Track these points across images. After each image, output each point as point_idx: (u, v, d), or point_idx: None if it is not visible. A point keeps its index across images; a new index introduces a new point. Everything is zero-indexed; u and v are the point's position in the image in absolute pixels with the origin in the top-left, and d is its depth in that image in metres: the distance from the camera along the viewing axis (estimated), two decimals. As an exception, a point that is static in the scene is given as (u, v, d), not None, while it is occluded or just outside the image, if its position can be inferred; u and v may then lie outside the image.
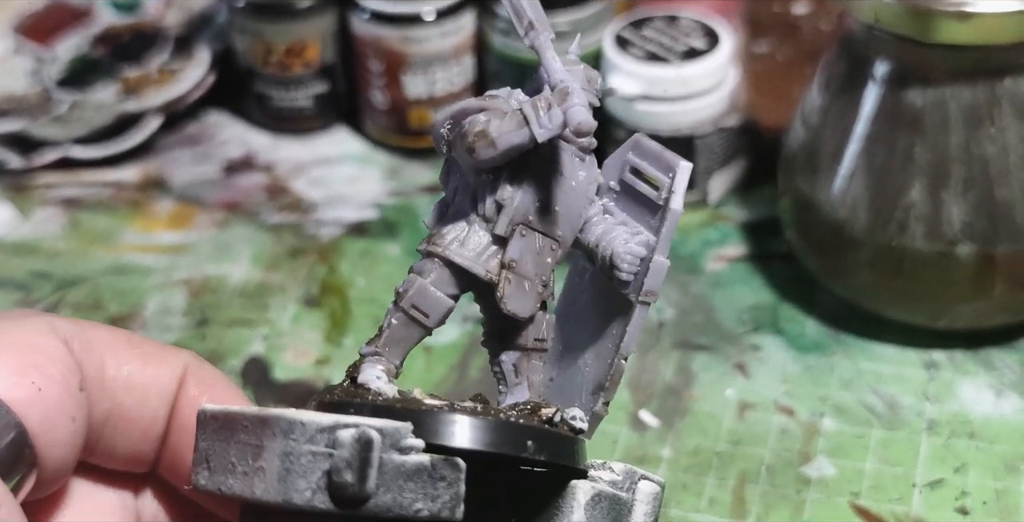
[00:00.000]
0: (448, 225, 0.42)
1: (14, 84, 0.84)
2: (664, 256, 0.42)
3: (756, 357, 0.68)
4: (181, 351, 0.43)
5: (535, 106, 0.40)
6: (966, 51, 0.62)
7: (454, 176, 0.42)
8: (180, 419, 0.42)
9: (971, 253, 0.64)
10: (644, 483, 0.42)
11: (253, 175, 0.82)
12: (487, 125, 0.40)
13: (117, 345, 0.42)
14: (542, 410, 0.41)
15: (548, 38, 0.41)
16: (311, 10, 0.81)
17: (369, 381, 0.40)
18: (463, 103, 0.41)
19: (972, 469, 0.62)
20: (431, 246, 0.41)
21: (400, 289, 0.41)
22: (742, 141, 0.77)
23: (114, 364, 0.41)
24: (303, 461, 0.37)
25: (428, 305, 0.41)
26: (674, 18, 0.76)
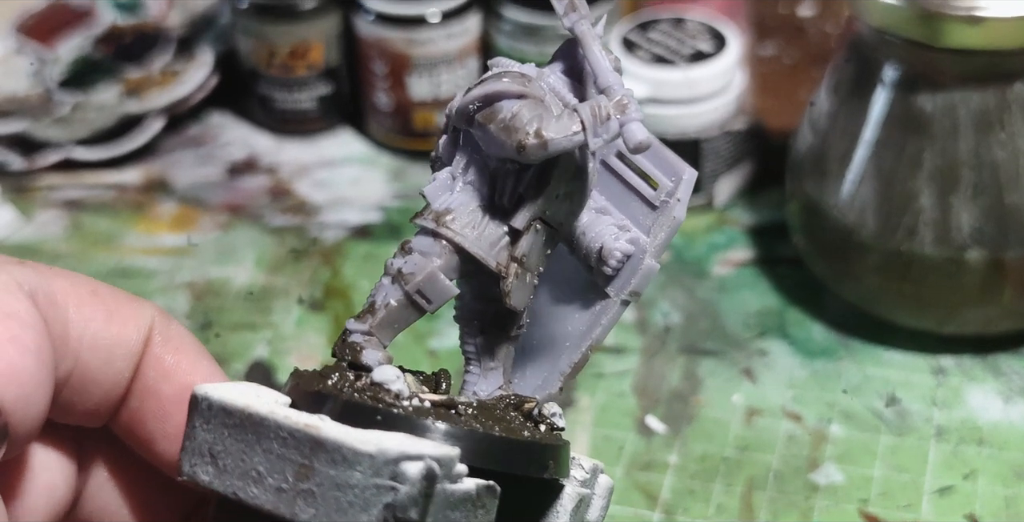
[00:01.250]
0: (458, 205, 0.39)
1: (16, 85, 0.84)
2: (656, 260, 0.41)
3: (763, 362, 0.68)
4: (145, 304, 0.41)
5: (595, 114, 0.38)
6: (976, 56, 0.61)
7: (466, 150, 0.40)
8: (143, 380, 0.40)
9: (980, 259, 0.64)
10: (603, 477, 0.41)
11: (256, 177, 0.81)
12: (541, 124, 0.38)
13: (81, 297, 0.39)
14: (525, 405, 0.40)
15: (591, 25, 0.39)
16: (315, 11, 0.80)
17: (389, 382, 0.38)
18: (499, 85, 0.38)
19: (981, 476, 0.62)
20: (441, 228, 0.39)
21: (402, 268, 0.39)
22: (749, 144, 0.77)
23: (79, 320, 0.39)
24: (366, 495, 0.35)
25: (434, 293, 0.39)
26: (680, 20, 0.76)
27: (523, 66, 0.39)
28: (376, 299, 0.40)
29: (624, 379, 0.67)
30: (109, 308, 0.39)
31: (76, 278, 0.39)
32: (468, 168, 0.40)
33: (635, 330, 0.70)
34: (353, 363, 0.39)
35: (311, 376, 0.39)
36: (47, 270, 0.39)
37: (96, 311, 0.39)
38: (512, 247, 0.40)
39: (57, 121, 0.82)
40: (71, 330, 0.39)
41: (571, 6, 0.39)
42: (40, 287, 0.38)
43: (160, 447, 0.41)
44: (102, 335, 0.39)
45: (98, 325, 0.39)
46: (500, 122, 0.38)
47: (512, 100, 0.38)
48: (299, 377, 0.39)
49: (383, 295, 0.39)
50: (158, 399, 0.40)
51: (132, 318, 0.40)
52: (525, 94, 0.38)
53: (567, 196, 0.40)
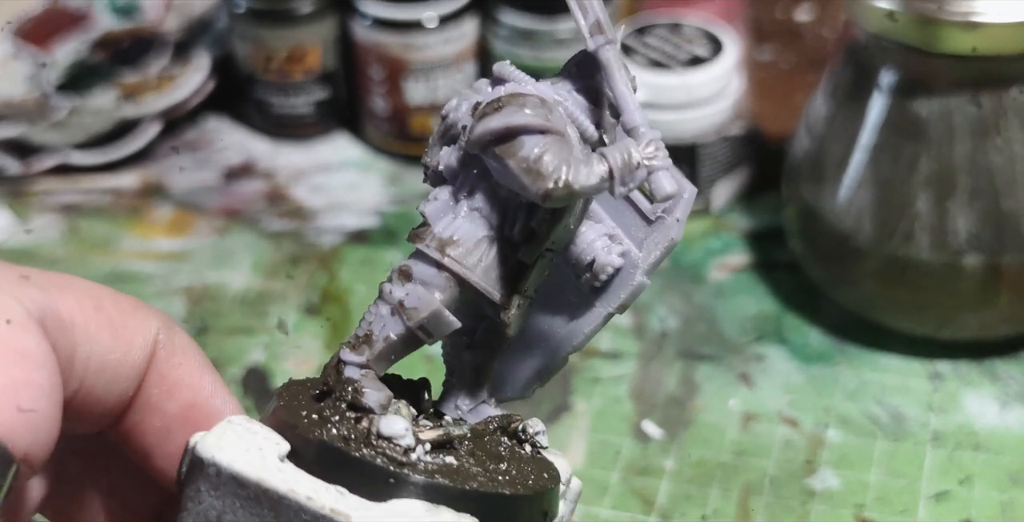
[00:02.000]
0: (463, 234, 0.38)
1: (12, 89, 0.84)
2: (647, 277, 0.39)
3: (760, 367, 0.68)
4: (150, 314, 0.40)
5: (624, 162, 0.36)
6: (972, 61, 0.61)
7: (471, 172, 0.38)
8: (145, 396, 0.40)
9: (977, 264, 0.64)
10: (574, 482, 0.41)
11: (253, 182, 0.81)
12: (568, 171, 0.36)
13: (87, 315, 0.38)
14: (510, 426, 0.40)
15: (617, 51, 0.37)
16: (312, 16, 0.80)
17: (398, 437, 0.37)
18: (521, 118, 0.36)
19: (977, 481, 0.62)
20: (446, 258, 0.37)
21: (403, 301, 0.38)
22: (745, 149, 0.77)
23: (85, 341, 0.38)
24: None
25: (438, 328, 0.38)
26: (677, 25, 0.76)
27: (537, 85, 0.37)
28: (374, 329, 0.38)
29: (620, 384, 0.67)
30: (115, 324, 0.38)
31: (80, 290, 0.38)
32: (474, 192, 0.38)
33: (632, 335, 0.70)
34: (354, 405, 0.38)
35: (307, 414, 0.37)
36: (51, 284, 0.37)
37: (101, 329, 0.38)
38: (517, 280, 0.39)
39: (54, 125, 0.82)
40: (78, 352, 0.38)
41: (598, 27, 0.37)
42: (47, 309, 0.37)
43: (157, 463, 0.40)
44: (108, 357, 0.38)
45: (104, 345, 0.38)
46: (522, 161, 0.36)
47: (535, 136, 0.36)
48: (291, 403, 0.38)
49: (381, 326, 0.38)
50: (161, 416, 0.40)
51: (137, 334, 0.39)
52: (548, 130, 0.36)
53: (574, 224, 0.39)
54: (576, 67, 0.38)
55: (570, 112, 0.37)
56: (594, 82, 0.37)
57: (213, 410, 0.40)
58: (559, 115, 0.37)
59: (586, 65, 0.37)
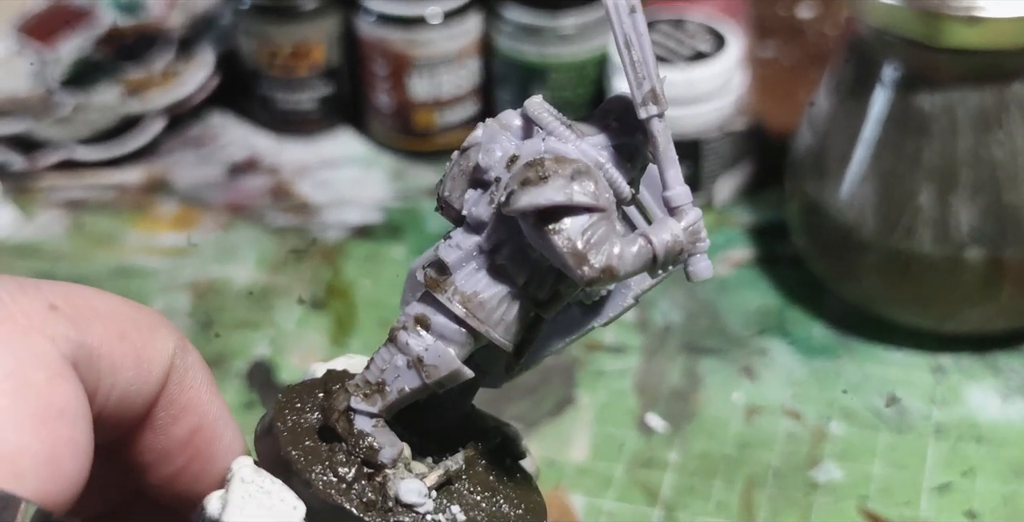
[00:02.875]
0: (487, 290, 0.37)
1: (17, 85, 0.84)
2: (637, 301, 0.39)
3: (763, 361, 0.68)
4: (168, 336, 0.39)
5: (669, 248, 0.35)
6: (975, 55, 0.62)
7: (502, 228, 0.36)
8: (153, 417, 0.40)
9: (979, 257, 0.64)
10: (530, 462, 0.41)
11: (257, 177, 0.81)
12: (613, 261, 0.35)
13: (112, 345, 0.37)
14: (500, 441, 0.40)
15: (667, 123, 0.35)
16: (316, 12, 0.80)
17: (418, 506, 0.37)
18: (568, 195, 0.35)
19: (980, 473, 0.62)
20: (469, 317, 0.36)
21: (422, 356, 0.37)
22: (748, 145, 0.77)
23: (109, 374, 0.37)
24: None
25: (454, 381, 0.38)
26: (680, 21, 0.76)
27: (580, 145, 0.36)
28: (386, 379, 0.37)
29: (625, 377, 0.67)
30: (137, 353, 0.38)
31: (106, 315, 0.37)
32: (501, 247, 0.37)
33: (635, 329, 0.70)
34: (368, 461, 0.37)
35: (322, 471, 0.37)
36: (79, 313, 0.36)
37: (125, 359, 0.38)
38: (532, 332, 0.38)
39: (58, 121, 0.82)
40: (101, 386, 0.37)
41: (652, 97, 0.35)
42: (78, 346, 0.36)
43: (153, 480, 0.40)
44: (130, 388, 0.38)
45: (127, 377, 0.38)
46: (567, 241, 0.35)
47: (581, 215, 0.35)
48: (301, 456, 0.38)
49: (395, 376, 0.37)
50: (165, 438, 0.40)
51: (156, 360, 0.39)
52: (593, 208, 0.35)
53: None
54: (616, 122, 0.36)
55: (610, 176, 0.36)
56: (633, 141, 0.36)
57: (216, 435, 0.40)
58: (603, 185, 0.35)
59: (627, 122, 0.36)
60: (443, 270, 0.37)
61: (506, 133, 0.37)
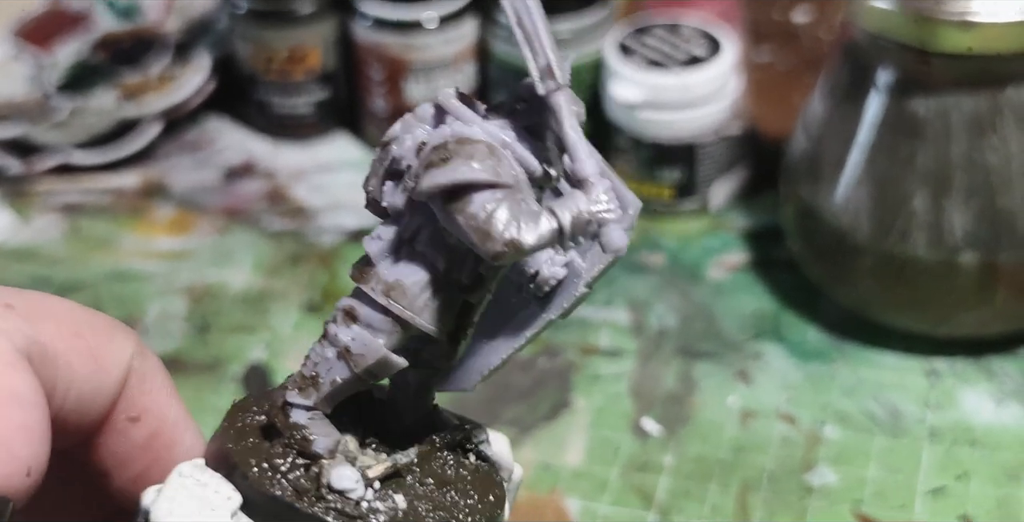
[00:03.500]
0: (409, 278, 0.37)
1: (14, 89, 0.84)
2: (590, 289, 0.38)
3: (758, 365, 0.68)
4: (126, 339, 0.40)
5: (575, 219, 0.35)
6: (969, 60, 0.62)
7: (417, 215, 0.37)
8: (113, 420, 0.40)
9: (973, 261, 0.64)
10: (516, 469, 0.41)
11: (253, 181, 0.82)
12: (519, 234, 0.35)
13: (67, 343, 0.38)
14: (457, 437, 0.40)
15: (568, 95, 0.35)
16: (312, 17, 0.81)
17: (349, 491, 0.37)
18: (469, 173, 0.35)
19: (974, 477, 0.62)
20: (392, 304, 0.37)
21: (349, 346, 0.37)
22: (743, 149, 0.77)
23: (66, 373, 0.38)
24: None
25: (383, 370, 0.38)
26: (676, 26, 0.77)
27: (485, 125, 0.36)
28: (320, 372, 0.38)
29: (620, 381, 0.68)
30: (93, 352, 0.38)
31: (60, 316, 0.38)
32: (419, 235, 0.37)
33: (631, 333, 0.70)
34: (303, 452, 0.38)
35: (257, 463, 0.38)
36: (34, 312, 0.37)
37: (81, 358, 0.38)
38: (463, 318, 0.38)
39: (55, 125, 0.82)
40: (58, 383, 0.38)
41: (549, 71, 0.35)
42: (32, 341, 0.36)
43: (115, 484, 0.41)
44: (86, 386, 0.38)
45: (82, 376, 0.38)
46: (471, 218, 0.35)
47: (484, 192, 0.35)
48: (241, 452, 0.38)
49: (328, 369, 0.38)
50: (125, 441, 0.40)
51: (114, 361, 0.39)
52: (498, 184, 0.35)
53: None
54: (522, 104, 0.37)
55: (518, 154, 0.36)
56: (542, 122, 0.36)
57: (176, 438, 0.40)
58: (508, 163, 0.36)
59: (534, 104, 0.36)
60: (368, 262, 0.37)
61: (422, 124, 0.37)
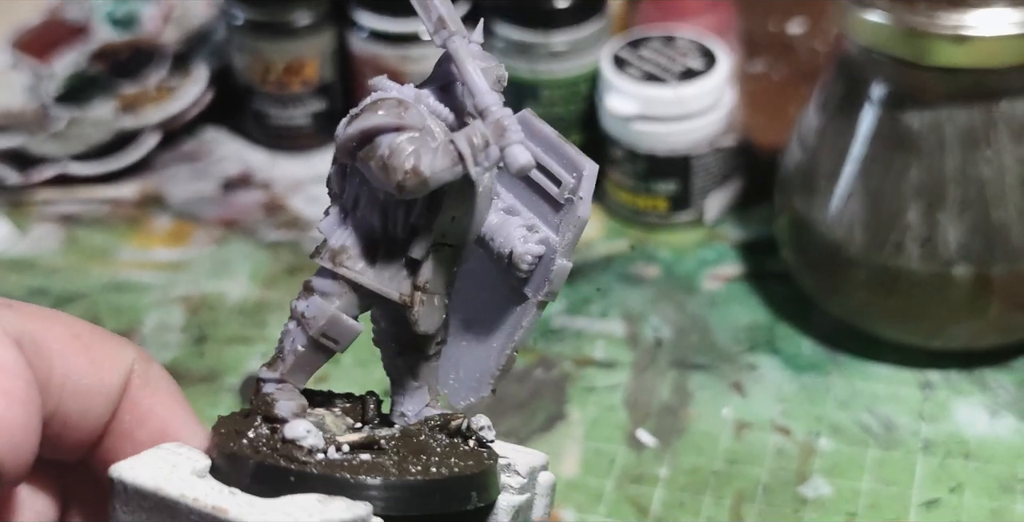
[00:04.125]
0: (352, 241, 0.39)
1: (12, 100, 0.84)
2: (568, 260, 0.40)
3: (752, 376, 0.68)
4: (127, 347, 0.41)
5: (471, 143, 0.37)
6: (963, 74, 0.62)
7: (353, 181, 0.39)
8: (119, 423, 0.41)
9: (967, 274, 0.65)
10: (544, 475, 0.41)
11: (251, 192, 0.82)
12: (419, 161, 0.37)
13: (64, 342, 0.39)
14: (451, 423, 0.40)
15: (465, 42, 0.38)
16: (310, 28, 0.81)
17: (300, 438, 0.38)
18: (374, 119, 0.37)
19: (968, 489, 0.62)
20: (338, 267, 0.39)
21: (304, 312, 0.39)
22: (738, 161, 0.78)
23: (62, 365, 0.39)
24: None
25: (339, 333, 0.39)
26: (671, 38, 0.77)
27: (402, 89, 0.38)
28: (284, 345, 0.40)
29: (615, 393, 0.68)
30: (91, 352, 0.40)
31: (59, 320, 0.40)
32: (358, 201, 0.39)
33: (626, 344, 0.70)
34: (267, 416, 0.39)
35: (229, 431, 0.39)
36: (32, 313, 0.39)
37: (79, 356, 0.39)
38: (414, 276, 0.39)
39: (53, 136, 0.82)
40: (54, 376, 0.39)
41: (440, 23, 0.38)
42: (26, 332, 0.38)
43: None
44: (84, 381, 0.39)
45: (80, 370, 0.39)
46: (379, 160, 0.37)
47: (389, 134, 0.37)
48: (219, 428, 0.39)
49: (291, 340, 0.39)
50: (132, 443, 0.40)
51: (113, 362, 0.40)
52: (402, 126, 0.37)
53: (463, 217, 0.39)
54: (437, 69, 0.39)
55: (433, 108, 0.38)
56: (454, 79, 0.38)
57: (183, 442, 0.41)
58: (416, 112, 0.38)
59: (444, 65, 0.39)
60: (323, 241, 0.40)
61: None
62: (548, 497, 0.41)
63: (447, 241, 0.39)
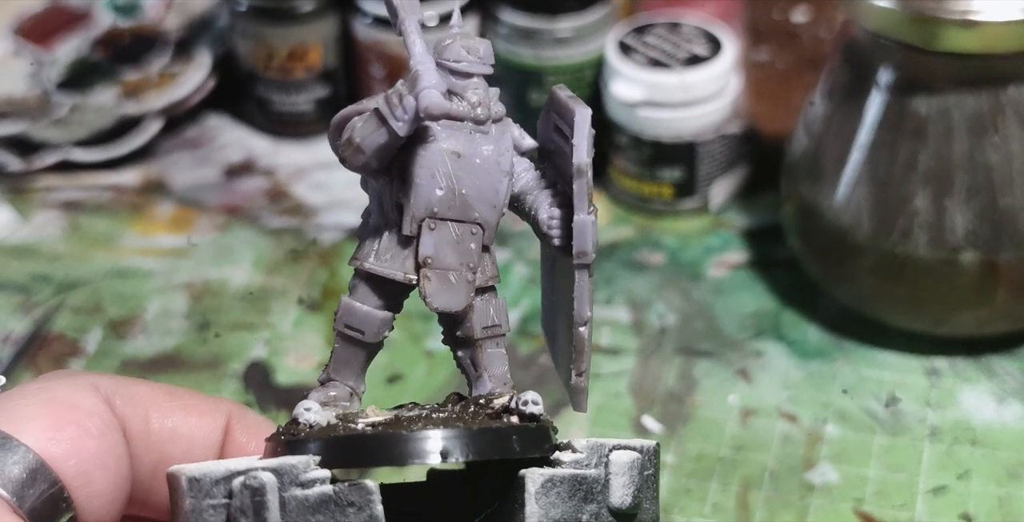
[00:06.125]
0: (367, 235, 0.41)
1: (14, 86, 0.84)
2: (584, 213, 0.40)
3: (758, 363, 0.68)
4: (222, 400, 0.44)
5: (388, 100, 0.38)
6: (970, 59, 0.62)
7: (369, 184, 0.41)
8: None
9: (974, 261, 0.64)
10: (618, 454, 0.40)
11: (254, 179, 0.82)
12: (352, 131, 0.39)
13: (157, 398, 0.43)
14: (495, 401, 0.41)
15: (415, 21, 0.40)
16: (313, 14, 0.81)
17: (299, 415, 0.40)
18: (342, 111, 0.40)
19: (975, 476, 0.62)
20: (352, 260, 0.41)
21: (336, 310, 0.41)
22: (744, 148, 0.77)
23: (158, 416, 0.42)
24: (205, 516, 0.38)
25: (359, 322, 0.41)
26: (676, 25, 0.77)
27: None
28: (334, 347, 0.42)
29: (620, 380, 0.68)
30: (186, 404, 0.43)
31: (152, 384, 0.44)
32: (371, 200, 0.41)
33: (631, 331, 0.70)
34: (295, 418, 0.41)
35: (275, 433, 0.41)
36: (126, 378, 0.43)
37: (174, 407, 0.43)
38: (414, 253, 0.40)
39: (55, 122, 0.82)
40: (151, 425, 0.42)
41: (394, 14, 0.40)
42: (119, 390, 0.42)
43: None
44: (182, 427, 0.43)
45: (177, 418, 0.43)
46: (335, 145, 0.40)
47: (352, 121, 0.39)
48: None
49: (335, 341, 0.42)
50: None
51: (208, 411, 0.44)
52: (361, 110, 0.39)
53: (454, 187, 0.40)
54: None
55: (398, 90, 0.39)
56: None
57: None
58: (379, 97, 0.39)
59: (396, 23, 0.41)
60: None
61: None
62: (627, 477, 0.40)
63: (442, 216, 0.40)
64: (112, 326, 0.71)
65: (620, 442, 0.40)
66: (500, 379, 0.42)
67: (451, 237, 0.40)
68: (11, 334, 0.71)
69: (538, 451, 0.39)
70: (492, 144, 0.40)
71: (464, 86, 0.40)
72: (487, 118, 0.40)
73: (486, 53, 0.41)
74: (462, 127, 0.40)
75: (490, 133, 0.40)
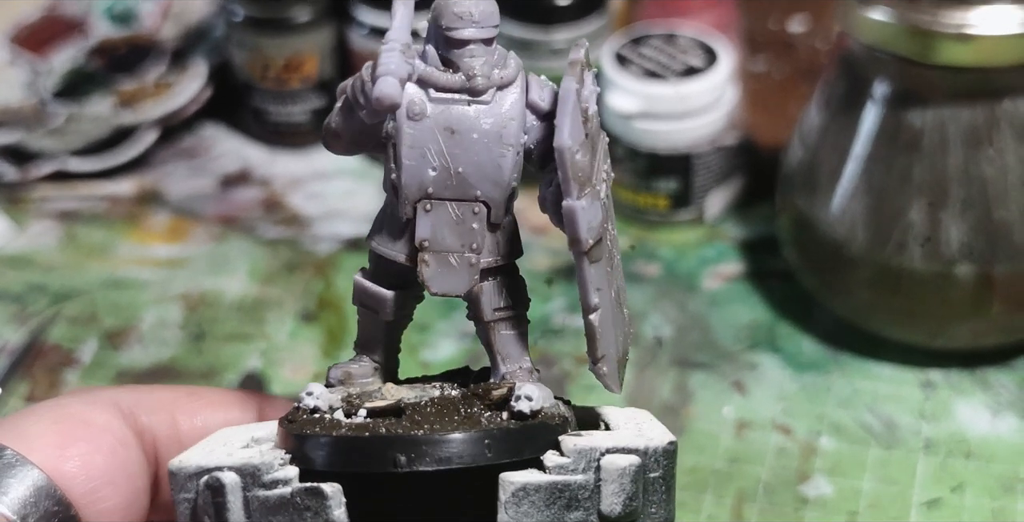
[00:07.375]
0: (380, 213, 0.41)
1: (9, 96, 0.84)
2: (573, 198, 0.38)
3: (753, 375, 0.68)
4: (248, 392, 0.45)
5: (353, 87, 0.38)
6: (966, 72, 0.62)
7: None
8: None
9: (969, 273, 0.64)
10: (610, 459, 0.38)
11: (249, 189, 0.82)
12: (329, 116, 0.39)
13: (180, 401, 0.43)
14: (493, 392, 0.40)
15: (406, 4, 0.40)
16: (309, 25, 0.81)
17: (300, 401, 0.40)
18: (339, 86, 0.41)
19: (969, 488, 0.62)
20: (367, 244, 0.41)
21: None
22: (739, 159, 0.77)
23: (185, 418, 0.43)
24: (181, 508, 0.38)
25: (371, 300, 0.41)
26: (672, 36, 0.77)
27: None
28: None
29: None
30: (211, 401, 0.44)
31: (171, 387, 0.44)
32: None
33: (626, 343, 0.70)
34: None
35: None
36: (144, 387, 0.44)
37: (198, 406, 0.44)
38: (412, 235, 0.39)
39: (51, 132, 0.82)
40: (181, 426, 0.43)
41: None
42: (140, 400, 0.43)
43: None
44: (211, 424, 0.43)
45: (205, 416, 0.43)
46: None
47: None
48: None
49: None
50: None
51: (236, 403, 0.44)
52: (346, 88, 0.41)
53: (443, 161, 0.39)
54: None
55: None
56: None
57: None
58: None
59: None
60: None
61: None
62: (617, 484, 0.38)
63: (438, 195, 0.39)
64: (108, 336, 0.71)
65: (617, 445, 0.39)
66: (516, 360, 0.41)
67: (450, 218, 0.39)
68: (6, 344, 0.71)
69: (519, 454, 0.38)
70: (492, 116, 0.38)
71: (459, 54, 0.38)
72: (486, 88, 0.38)
73: (483, 15, 0.38)
74: (457, 100, 0.38)
75: (492, 102, 0.38)
